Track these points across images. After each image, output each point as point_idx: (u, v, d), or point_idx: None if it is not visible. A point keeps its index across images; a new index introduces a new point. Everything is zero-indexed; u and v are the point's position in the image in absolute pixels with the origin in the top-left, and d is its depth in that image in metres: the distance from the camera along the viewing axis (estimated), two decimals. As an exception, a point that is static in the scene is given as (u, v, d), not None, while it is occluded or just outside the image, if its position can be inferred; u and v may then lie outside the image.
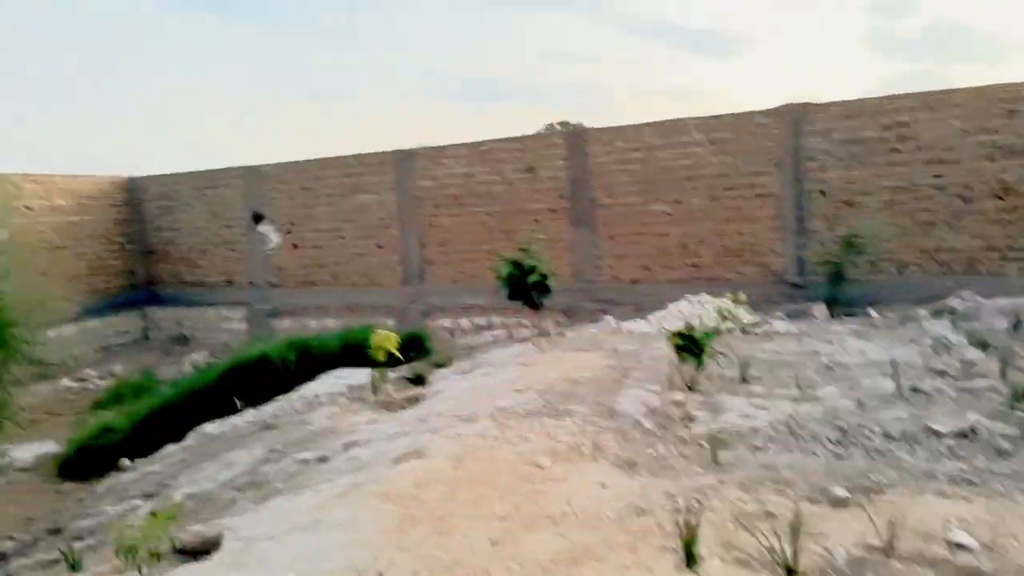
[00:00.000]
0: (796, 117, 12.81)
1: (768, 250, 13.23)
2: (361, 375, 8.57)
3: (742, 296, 5.73)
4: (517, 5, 61.33)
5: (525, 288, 10.63)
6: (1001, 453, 4.35)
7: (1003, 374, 5.96)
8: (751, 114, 13.15)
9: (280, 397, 8.23)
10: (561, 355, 8.07)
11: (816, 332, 8.88)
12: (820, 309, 10.87)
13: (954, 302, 10.28)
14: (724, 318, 5.21)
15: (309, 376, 9.06)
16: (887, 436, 4.88)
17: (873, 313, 10.43)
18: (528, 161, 14.92)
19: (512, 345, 10.47)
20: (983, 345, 7.25)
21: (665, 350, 8.02)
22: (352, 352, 9.49)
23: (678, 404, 5.88)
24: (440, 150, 15.80)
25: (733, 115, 13.28)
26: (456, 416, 5.80)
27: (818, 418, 5.30)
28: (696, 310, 9.69)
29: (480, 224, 15.49)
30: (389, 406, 7.03)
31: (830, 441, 4.90)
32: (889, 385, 6.03)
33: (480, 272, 15.35)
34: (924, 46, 48.91)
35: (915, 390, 5.82)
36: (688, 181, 13.64)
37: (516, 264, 10.68)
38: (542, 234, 11.41)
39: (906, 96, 12.10)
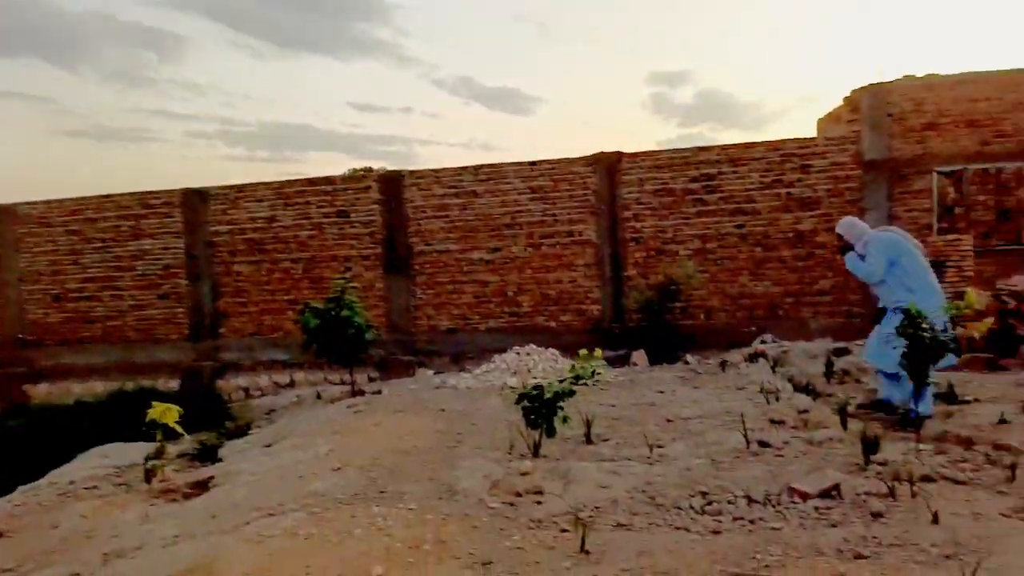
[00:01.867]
0: (611, 166, 12.91)
1: (586, 297, 13.11)
2: (133, 452, 7.04)
3: (598, 352, 5.11)
4: (315, 52, 59.98)
5: (337, 341, 9.55)
6: (876, 516, 4.02)
7: (844, 424, 5.84)
8: (569, 161, 13.10)
9: (22, 487, 6.48)
10: (383, 419, 7.09)
11: (644, 381, 8.61)
12: (640, 356, 10.74)
13: (762, 346, 10.56)
14: (578, 377, 4.58)
15: (65, 456, 7.32)
16: (751, 500, 4.43)
17: (690, 359, 10.45)
18: (339, 204, 13.86)
19: (322, 407, 9.29)
20: (810, 392, 7.25)
21: (498, 407, 7.33)
22: (123, 422, 7.86)
23: (524, 475, 5.13)
24: (239, 190, 14.30)
25: (551, 162, 13.16)
26: (258, 507, 4.65)
27: (676, 482, 4.78)
28: (524, 362, 9.12)
29: (284, 272, 14.12)
30: (169, 495, 5.66)
31: (694, 510, 4.37)
32: (735, 439, 5.69)
33: (283, 324, 13.94)
34: (697, 111, 54.64)
35: (762, 444, 5.51)
36: (507, 228, 13.28)
37: (326, 314, 9.59)
38: (355, 283, 10.39)
39: (712, 148, 12.58)
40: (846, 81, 57.46)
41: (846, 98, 12.47)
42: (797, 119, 60.29)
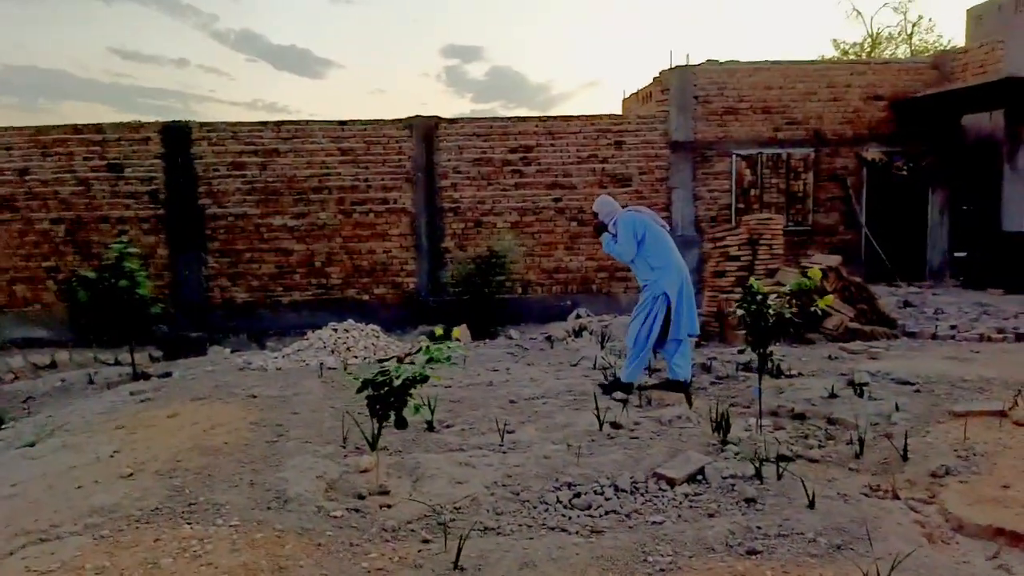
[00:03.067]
0: (428, 132, 12.28)
1: (401, 269, 12.46)
2: None
3: (456, 332, 4.54)
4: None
5: (114, 316, 8.16)
6: (750, 502, 3.88)
7: (689, 402, 5.79)
8: (383, 123, 12.29)
9: None
10: (180, 409, 6.03)
11: (475, 359, 8.18)
12: (463, 331, 10.32)
13: (582, 320, 10.58)
14: (432, 359, 4.00)
15: None
16: (618, 489, 4.15)
17: (514, 334, 10.22)
18: (111, 157, 11.97)
19: (97, 395, 7.89)
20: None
21: (320, 392, 6.54)
22: None
23: (365, 472, 4.49)
24: (-21, 134, 11.89)
25: (363, 123, 12.27)
26: (24, 531, 3.61)
27: (537, 473, 4.39)
28: (342, 339, 8.32)
29: (41, 234, 11.99)
30: None
31: (563, 505, 4.00)
32: (585, 420, 5.43)
33: (41, 296, 11.89)
34: (489, 88, 55.59)
35: (614, 425, 5.29)
36: (315, 192, 12.22)
37: (100, 285, 8.15)
38: (133, 248, 8.91)
39: (530, 119, 12.37)
40: (630, 68, 60.78)
41: (656, 78, 12.78)
42: (582, 102, 63.18)
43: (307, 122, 12.24)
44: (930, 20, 44.07)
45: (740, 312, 5.29)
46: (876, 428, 5.14)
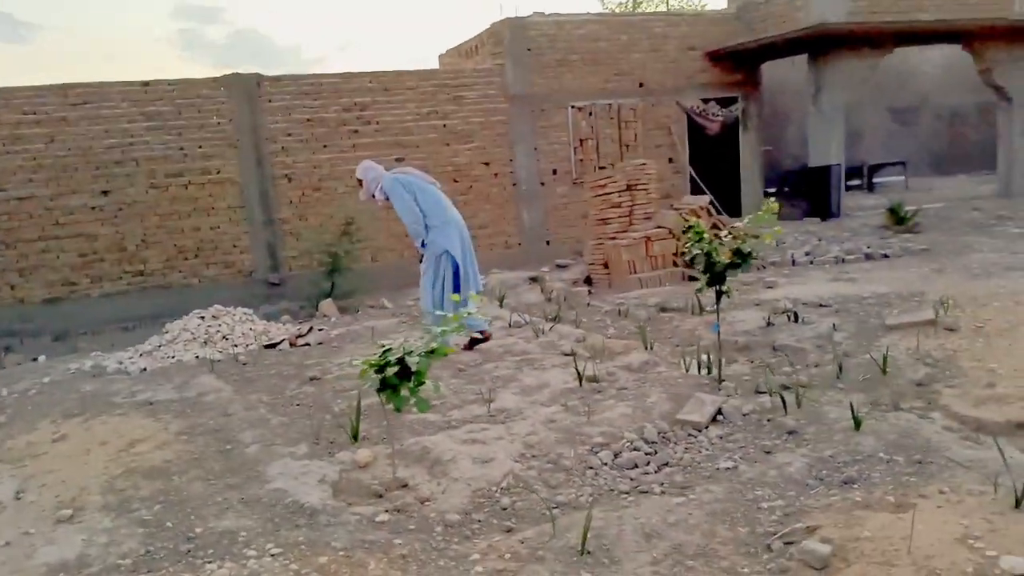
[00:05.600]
0: (249, 92, 11.04)
1: (233, 246, 11.20)
2: None
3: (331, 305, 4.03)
4: None
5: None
6: (792, 434, 3.89)
7: (646, 346, 5.74)
8: (193, 83, 10.85)
9: None
10: (59, 429, 4.87)
11: (374, 332, 7.52)
12: (329, 306, 9.51)
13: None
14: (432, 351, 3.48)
15: None
16: (649, 442, 3.98)
17: (387, 303, 9.64)
18: None
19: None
20: (556, 320, 7.05)
21: (228, 389, 5.63)
22: None
23: (366, 467, 3.91)
24: None
25: (170, 83, 10.73)
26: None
27: (557, 438, 4.07)
28: (217, 328, 7.26)
29: None
30: None
31: (610, 467, 3.75)
32: (557, 378, 5.19)
33: None
34: (232, 52, 51.92)
35: (591, 380, 5.09)
36: (118, 165, 10.53)
37: None
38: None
39: (363, 75, 11.58)
40: (384, 29, 59.36)
41: (488, 31, 12.51)
42: (336, 66, 61.10)
43: (100, 84, 10.45)
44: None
45: (697, 252, 5.30)
46: (823, 348, 5.45)
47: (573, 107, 12.59)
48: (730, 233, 5.41)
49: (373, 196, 6.13)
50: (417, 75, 11.87)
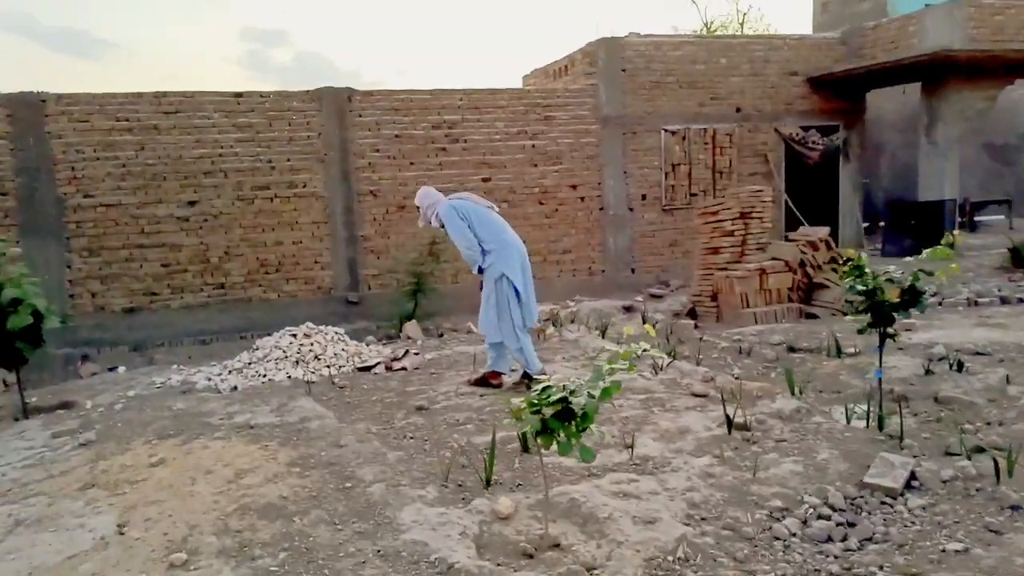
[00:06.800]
0: (340, 106, 10.84)
1: (314, 262, 10.95)
2: None
3: (649, 328, 3.52)
4: None
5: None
6: (1016, 509, 3.28)
7: (792, 390, 5.16)
8: (286, 95, 10.72)
9: None
10: (156, 452, 4.51)
11: (455, 358, 7.07)
12: (413, 328, 9.13)
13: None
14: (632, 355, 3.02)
15: None
16: (836, 509, 3.42)
17: (474, 328, 9.20)
18: (-63, 135, 9.46)
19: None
20: (673, 356, 6.49)
21: (331, 416, 5.22)
22: None
23: (506, 519, 3.41)
24: None
25: (263, 95, 10.61)
26: None
27: (724, 497, 3.54)
28: (310, 347, 6.91)
29: None
30: None
31: (800, 538, 3.21)
32: (692, 421, 4.65)
33: None
34: (296, 74, 53.16)
35: (739, 428, 4.53)
36: (207, 176, 10.40)
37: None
38: (13, 248, 6.91)
39: (454, 92, 11.30)
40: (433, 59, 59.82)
41: (583, 51, 12.14)
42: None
43: (194, 93, 10.36)
44: (759, 10, 47.04)
45: (860, 288, 4.74)
46: (996, 403, 4.80)
47: (666, 131, 12.09)
48: (898, 269, 4.82)
49: (430, 223, 5.83)
50: (508, 93, 11.56)
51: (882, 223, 13.63)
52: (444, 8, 60.18)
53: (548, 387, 3.19)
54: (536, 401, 3.14)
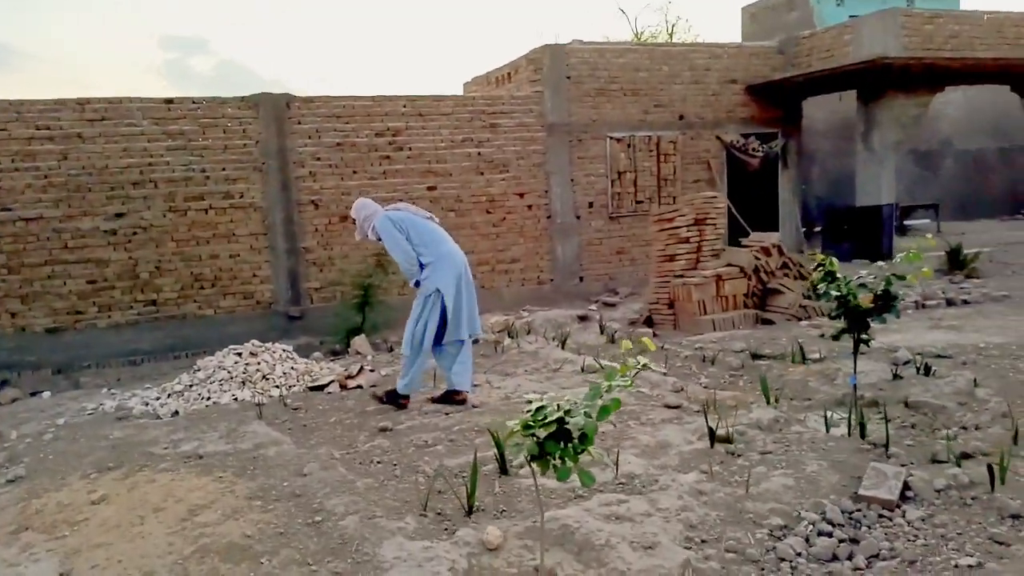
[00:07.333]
0: (279, 113, 10.41)
1: (253, 275, 10.46)
2: None
3: (648, 342, 3.31)
4: None
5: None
6: (1017, 518, 3.22)
7: (767, 398, 5.07)
8: (220, 102, 10.23)
9: None
10: (96, 487, 4.10)
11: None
12: (362, 342, 8.79)
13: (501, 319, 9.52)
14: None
15: None
16: (834, 524, 3.31)
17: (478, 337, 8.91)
18: None
19: None
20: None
21: (287, 441, 4.87)
22: None
23: (494, 550, 3.18)
24: None
25: (195, 101, 10.10)
26: None
27: (719, 516, 3.40)
28: (257, 366, 6.50)
29: None
30: None
31: (804, 557, 3.08)
32: (676, 436, 4.51)
33: None
34: (216, 82, 51.96)
35: (721, 440, 4.41)
36: (135, 187, 9.82)
37: None
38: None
39: (397, 98, 11.00)
40: (357, 66, 59.30)
41: (527, 57, 12.00)
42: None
43: (121, 99, 9.78)
44: (687, 21, 47.95)
45: (835, 294, 4.70)
46: (967, 407, 4.81)
47: (612, 138, 12.06)
48: (870, 274, 4.80)
49: (367, 236, 5.64)
50: (453, 100, 11.33)
51: (817, 228, 13.94)
52: (369, 15, 59.56)
53: (542, 407, 2.97)
54: (531, 423, 2.91)
